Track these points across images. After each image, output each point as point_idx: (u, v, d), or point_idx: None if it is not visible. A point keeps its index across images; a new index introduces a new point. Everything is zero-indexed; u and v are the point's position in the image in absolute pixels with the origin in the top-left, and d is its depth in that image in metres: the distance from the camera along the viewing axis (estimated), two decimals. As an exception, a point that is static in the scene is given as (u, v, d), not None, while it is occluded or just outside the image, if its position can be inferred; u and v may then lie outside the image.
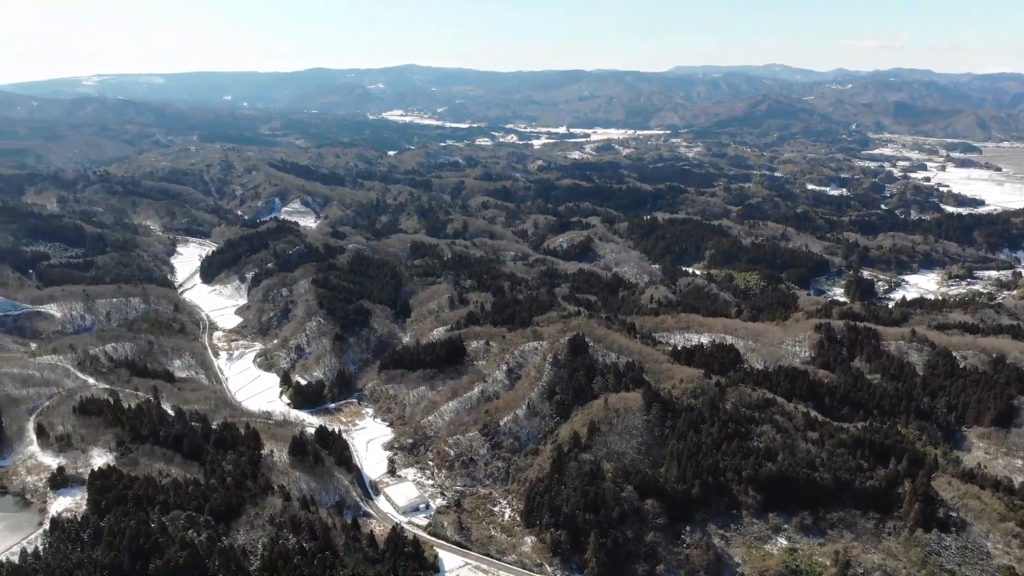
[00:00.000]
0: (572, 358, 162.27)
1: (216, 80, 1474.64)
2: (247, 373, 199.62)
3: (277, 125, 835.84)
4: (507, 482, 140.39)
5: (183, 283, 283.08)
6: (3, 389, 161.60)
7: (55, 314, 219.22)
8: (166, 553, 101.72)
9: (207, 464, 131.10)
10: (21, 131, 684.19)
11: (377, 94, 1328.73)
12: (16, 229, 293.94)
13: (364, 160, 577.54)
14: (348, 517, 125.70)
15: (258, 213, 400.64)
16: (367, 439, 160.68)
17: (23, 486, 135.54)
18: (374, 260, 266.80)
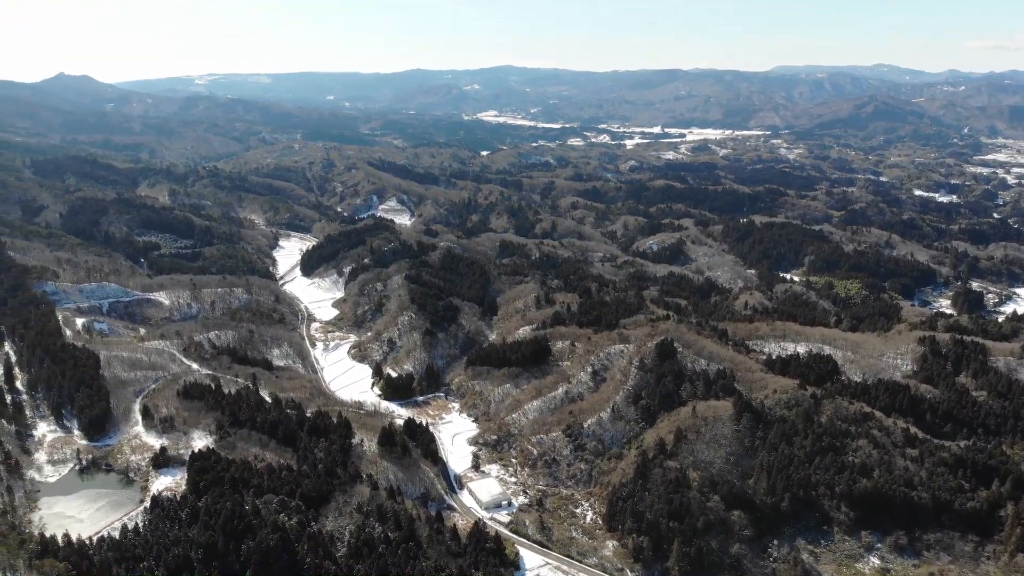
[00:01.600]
0: (660, 363, 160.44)
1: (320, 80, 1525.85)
2: (341, 364, 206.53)
3: (376, 125, 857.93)
4: (589, 484, 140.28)
5: (284, 275, 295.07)
6: (113, 372, 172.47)
7: (164, 301, 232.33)
8: (258, 535, 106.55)
9: (300, 450, 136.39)
10: (137, 127, 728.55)
11: (472, 95, 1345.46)
12: (130, 220, 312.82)
13: (458, 160, 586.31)
14: (432, 509, 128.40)
15: (356, 210, 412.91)
16: (453, 433, 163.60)
17: (127, 465, 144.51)
18: (464, 258, 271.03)
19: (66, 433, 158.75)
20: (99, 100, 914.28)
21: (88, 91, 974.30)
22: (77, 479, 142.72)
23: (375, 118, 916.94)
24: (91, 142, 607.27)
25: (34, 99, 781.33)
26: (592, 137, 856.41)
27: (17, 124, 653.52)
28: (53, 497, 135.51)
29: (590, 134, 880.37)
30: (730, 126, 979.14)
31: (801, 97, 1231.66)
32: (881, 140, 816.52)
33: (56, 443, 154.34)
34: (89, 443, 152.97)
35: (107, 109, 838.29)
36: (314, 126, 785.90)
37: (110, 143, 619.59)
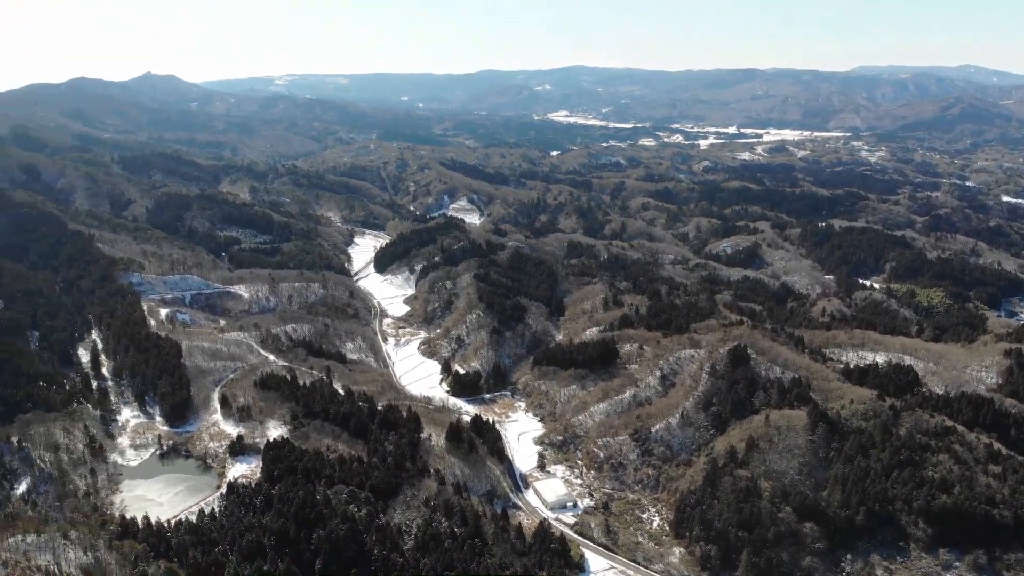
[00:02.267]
0: (732, 369, 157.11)
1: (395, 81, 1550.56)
2: (411, 359, 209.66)
3: (449, 125, 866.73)
4: (657, 490, 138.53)
5: (358, 272, 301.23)
6: (194, 361, 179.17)
7: (243, 294, 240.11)
8: (329, 525, 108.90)
9: (371, 443, 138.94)
10: (219, 126, 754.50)
11: (544, 95, 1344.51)
12: (212, 215, 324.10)
13: (528, 160, 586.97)
14: (498, 507, 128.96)
15: (428, 209, 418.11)
16: (519, 432, 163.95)
17: (205, 451, 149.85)
18: (532, 258, 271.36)
19: (148, 419, 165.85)
20: (184, 99, 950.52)
21: (174, 90, 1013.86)
22: (158, 464, 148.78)
23: (448, 118, 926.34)
24: (176, 139, 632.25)
25: (123, 97, 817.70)
26: (665, 137, 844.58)
27: (107, 121, 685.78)
28: (135, 480, 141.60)
29: (662, 134, 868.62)
30: (808, 127, 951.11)
31: (883, 98, 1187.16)
32: (967, 143, 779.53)
33: (139, 428, 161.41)
34: (170, 429, 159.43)
35: (191, 108, 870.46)
36: (389, 126, 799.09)
37: (194, 141, 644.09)
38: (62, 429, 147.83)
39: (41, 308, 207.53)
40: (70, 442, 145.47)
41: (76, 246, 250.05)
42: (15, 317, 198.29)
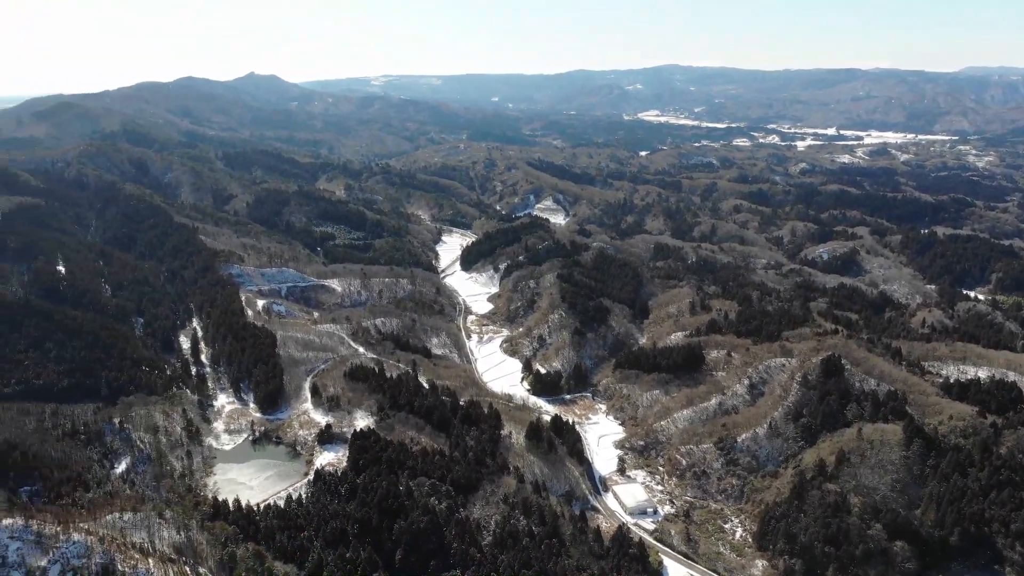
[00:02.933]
0: (824, 380, 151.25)
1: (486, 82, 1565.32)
2: (494, 356, 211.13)
3: (537, 126, 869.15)
4: (741, 500, 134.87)
5: (445, 269, 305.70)
6: (287, 351, 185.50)
7: (336, 288, 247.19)
8: (410, 516, 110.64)
9: (452, 437, 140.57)
10: (318, 125, 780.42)
11: (635, 94, 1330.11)
12: (309, 211, 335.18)
13: (616, 160, 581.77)
14: (576, 508, 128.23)
15: (514, 209, 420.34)
16: (599, 434, 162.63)
17: (295, 439, 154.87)
18: (616, 259, 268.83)
19: (243, 405, 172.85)
20: (284, 98, 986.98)
21: (275, 89, 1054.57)
22: (250, 449, 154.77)
23: (536, 119, 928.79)
24: (277, 137, 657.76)
25: (227, 96, 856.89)
26: (760, 138, 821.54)
27: (212, 119, 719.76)
28: (227, 464, 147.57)
29: (757, 134, 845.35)
30: (912, 129, 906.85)
31: (993, 100, 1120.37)
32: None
33: (233, 414, 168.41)
34: (262, 416, 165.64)
35: (291, 107, 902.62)
36: (478, 126, 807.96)
37: (293, 139, 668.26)
38: (162, 412, 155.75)
39: (146, 296, 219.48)
40: (169, 425, 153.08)
41: (181, 238, 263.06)
42: (122, 304, 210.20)
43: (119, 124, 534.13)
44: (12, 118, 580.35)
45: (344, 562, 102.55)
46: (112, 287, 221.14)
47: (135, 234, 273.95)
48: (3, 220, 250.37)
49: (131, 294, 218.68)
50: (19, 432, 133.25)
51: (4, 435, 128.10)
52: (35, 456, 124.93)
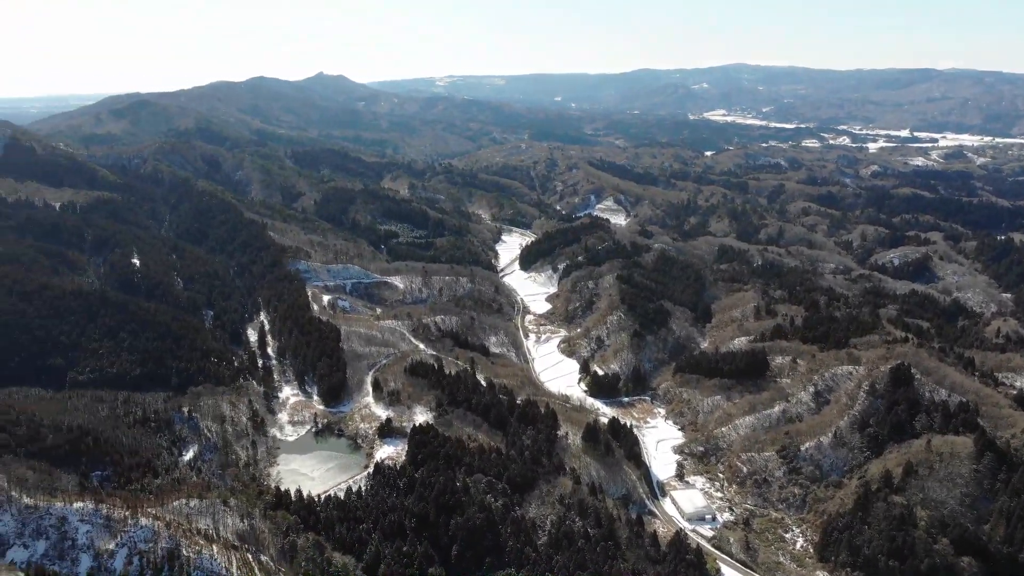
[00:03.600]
0: (892, 389, 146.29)
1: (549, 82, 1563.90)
2: (551, 357, 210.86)
3: (600, 125, 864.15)
4: (802, 510, 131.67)
5: (504, 268, 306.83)
6: (351, 345, 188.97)
7: (398, 285, 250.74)
8: (466, 512, 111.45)
9: (509, 435, 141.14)
10: (383, 124, 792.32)
11: (700, 94, 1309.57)
12: (374, 210, 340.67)
13: (679, 160, 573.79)
14: (633, 512, 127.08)
15: (575, 209, 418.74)
16: (657, 439, 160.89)
17: (356, 431, 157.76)
18: (678, 261, 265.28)
19: (306, 398, 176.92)
20: (351, 98, 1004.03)
21: (343, 90, 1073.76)
22: (312, 440, 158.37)
23: (599, 118, 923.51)
24: (343, 136, 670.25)
25: (296, 96, 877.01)
26: (829, 139, 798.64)
27: (282, 118, 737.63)
28: (290, 455, 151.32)
29: (827, 135, 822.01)
30: (990, 132, 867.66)
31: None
32: None
33: (297, 406, 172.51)
34: (325, 408, 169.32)
35: (358, 107, 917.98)
36: (540, 126, 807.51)
37: (360, 139, 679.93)
38: (229, 402, 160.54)
39: (216, 289, 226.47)
40: (235, 415, 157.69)
41: (250, 233, 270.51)
42: (193, 296, 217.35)
43: (193, 122, 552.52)
44: (91, 115, 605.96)
45: (401, 555, 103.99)
46: (184, 280, 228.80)
47: (207, 229, 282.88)
48: (82, 214, 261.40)
49: (202, 287, 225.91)
50: (92, 418, 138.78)
51: (78, 421, 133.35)
52: (107, 442, 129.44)
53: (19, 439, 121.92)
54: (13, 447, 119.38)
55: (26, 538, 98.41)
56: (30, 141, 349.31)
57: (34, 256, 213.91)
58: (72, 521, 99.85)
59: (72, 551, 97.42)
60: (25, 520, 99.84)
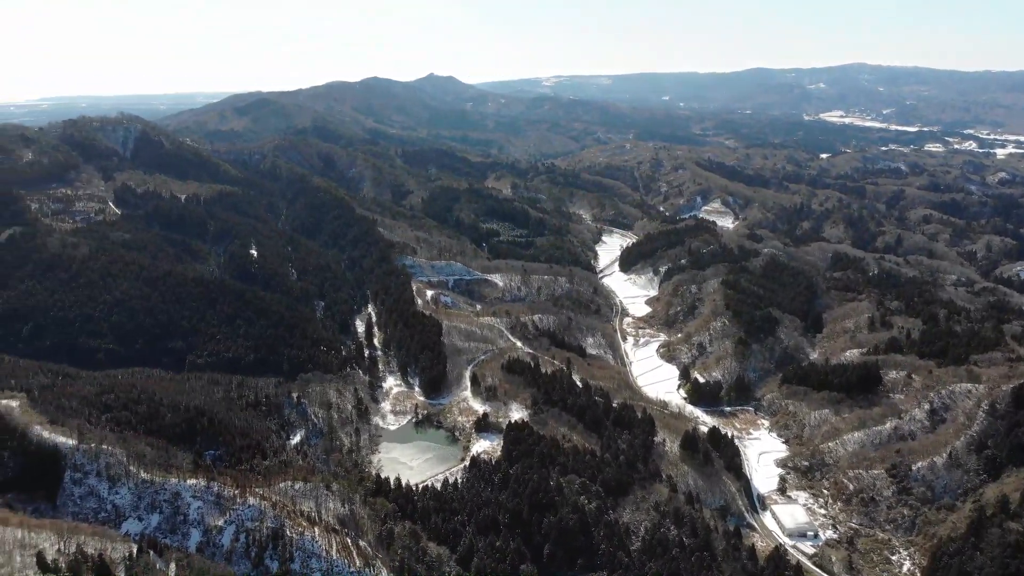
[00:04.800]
0: (1015, 410, 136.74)
1: (657, 81, 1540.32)
2: (649, 361, 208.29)
3: (709, 125, 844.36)
4: (911, 532, 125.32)
5: (603, 269, 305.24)
6: (451, 340, 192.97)
7: (498, 283, 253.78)
8: (559, 512, 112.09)
9: (604, 438, 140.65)
10: (490, 125, 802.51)
11: (816, 94, 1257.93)
12: (477, 208, 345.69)
13: (793, 162, 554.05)
14: (731, 524, 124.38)
15: (679, 210, 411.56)
16: (759, 451, 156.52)
17: (454, 424, 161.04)
18: (789, 267, 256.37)
19: (408, 389, 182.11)
20: (460, 99, 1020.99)
21: (452, 90, 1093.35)
22: (412, 430, 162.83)
23: (708, 118, 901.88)
24: (451, 136, 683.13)
25: (407, 96, 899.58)
26: (954, 143, 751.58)
27: (393, 118, 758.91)
28: (391, 443, 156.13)
29: (952, 139, 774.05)
30: None
31: None
32: None
33: (399, 396, 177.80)
34: (425, 400, 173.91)
35: (466, 107, 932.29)
36: (646, 126, 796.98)
37: (467, 138, 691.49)
38: (335, 390, 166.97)
39: (328, 281, 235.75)
40: (341, 402, 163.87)
41: (361, 229, 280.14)
42: (306, 288, 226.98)
43: (310, 121, 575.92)
44: (216, 112, 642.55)
45: (494, 550, 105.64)
46: (297, 271, 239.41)
47: (320, 224, 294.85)
48: (205, 206, 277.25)
49: (314, 279, 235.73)
50: (208, 400, 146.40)
51: (195, 402, 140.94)
52: (220, 423, 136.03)
53: (139, 417, 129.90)
54: (134, 424, 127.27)
55: (141, 511, 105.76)
56: (159, 136, 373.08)
57: (160, 245, 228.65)
58: (185, 497, 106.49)
59: (183, 526, 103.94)
60: (141, 494, 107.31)
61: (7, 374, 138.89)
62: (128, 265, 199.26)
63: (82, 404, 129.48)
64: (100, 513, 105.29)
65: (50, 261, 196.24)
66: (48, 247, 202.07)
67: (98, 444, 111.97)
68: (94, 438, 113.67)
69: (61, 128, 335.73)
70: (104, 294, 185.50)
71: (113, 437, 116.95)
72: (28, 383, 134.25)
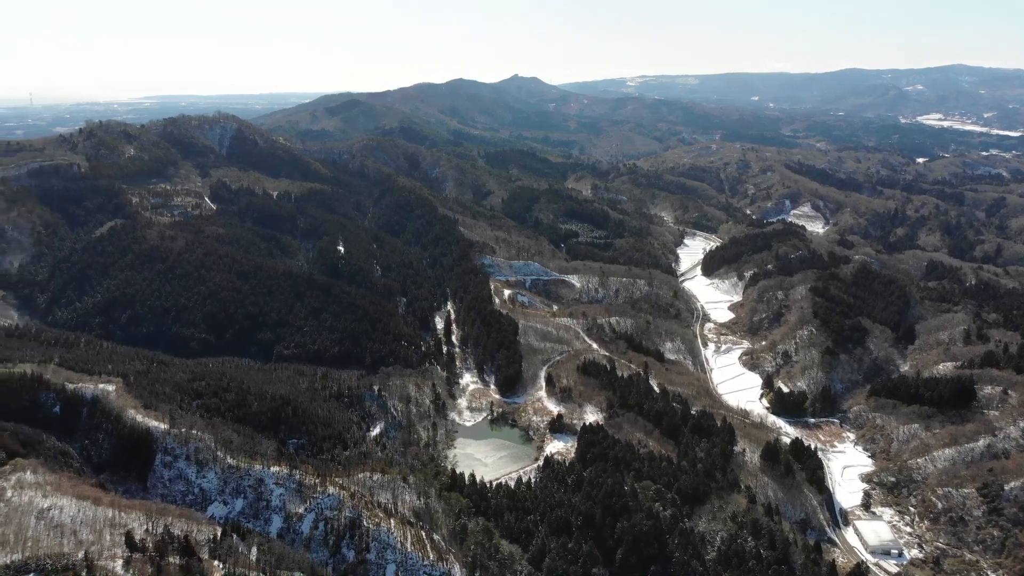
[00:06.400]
0: None
1: (745, 81, 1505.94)
2: (730, 368, 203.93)
3: (799, 127, 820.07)
4: (1000, 554, 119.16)
5: (684, 273, 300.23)
6: (527, 339, 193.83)
7: (575, 284, 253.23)
8: (633, 518, 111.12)
9: (681, 445, 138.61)
10: (572, 125, 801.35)
11: (914, 96, 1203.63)
12: (556, 209, 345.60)
13: (887, 166, 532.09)
14: (811, 538, 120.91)
15: (766, 214, 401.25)
16: (843, 465, 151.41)
17: (528, 423, 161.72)
18: (881, 275, 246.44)
19: (484, 386, 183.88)
20: (543, 100, 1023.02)
21: (535, 91, 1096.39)
22: (487, 428, 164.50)
23: (799, 119, 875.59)
24: (533, 137, 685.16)
25: (491, 97, 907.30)
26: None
27: (477, 119, 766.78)
28: (467, 439, 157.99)
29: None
30: None
31: None
32: None
33: (476, 393, 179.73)
34: (501, 398, 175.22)
35: (549, 108, 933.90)
36: (733, 127, 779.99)
37: (548, 139, 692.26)
38: (414, 384, 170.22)
39: (410, 278, 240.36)
40: (419, 397, 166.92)
41: (443, 228, 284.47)
42: (389, 284, 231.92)
43: (397, 122, 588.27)
44: (308, 112, 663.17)
45: (566, 551, 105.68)
46: (382, 268, 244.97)
47: (404, 222, 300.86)
48: (296, 203, 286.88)
49: (397, 275, 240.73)
50: (293, 390, 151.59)
51: (280, 391, 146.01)
52: (304, 413, 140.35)
53: (228, 404, 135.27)
54: (222, 411, 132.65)
55: (226, 495, 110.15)
56: (253, 134, 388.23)
57: (252, 239, 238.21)
58: (268, 483, 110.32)
59: (266, 511, 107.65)
60: (227, 479, 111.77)
61: (105, 359, 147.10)
62: (222, 258, 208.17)
63: (174, 390, 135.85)
64: (187, 496, 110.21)
65: (149, 253, 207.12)
66: (147, 239, 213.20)
67: (188, 429, 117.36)
68: (185, 423, 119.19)
69: (162, 126, 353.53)
70: (198, 285, 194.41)
71: (202, 423, 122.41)
72: (124, 368, 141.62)
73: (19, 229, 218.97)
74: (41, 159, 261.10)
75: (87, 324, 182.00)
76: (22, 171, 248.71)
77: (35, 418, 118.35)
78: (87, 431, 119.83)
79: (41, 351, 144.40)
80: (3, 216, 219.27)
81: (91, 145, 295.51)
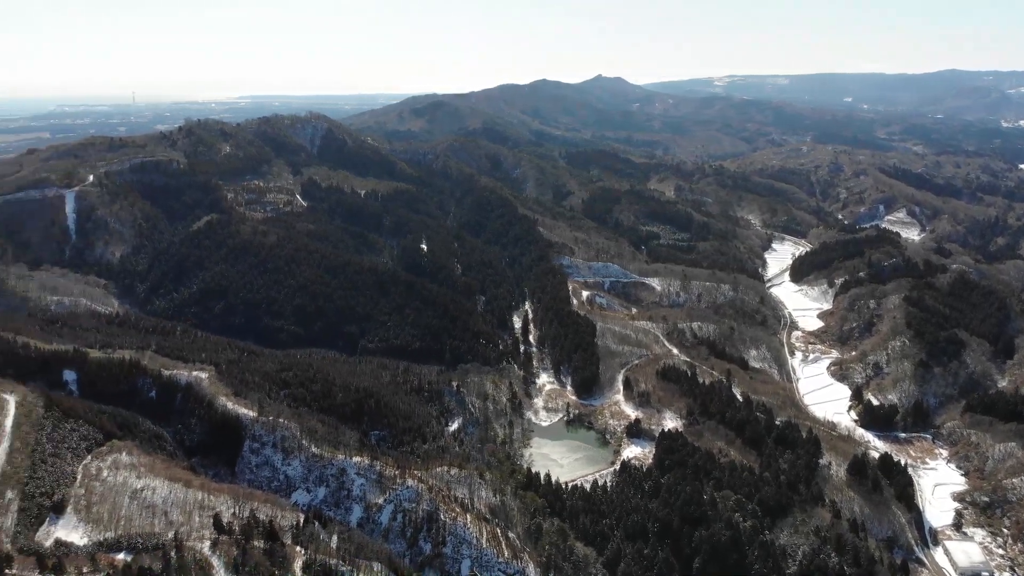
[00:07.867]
0: None
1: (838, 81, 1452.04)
2: (818, 379, 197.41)
3: (895, 129, 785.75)
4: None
5: (771, 278, 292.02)
6: (605, 342, 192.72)
7: (655, 287, 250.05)
8: (712, 527, 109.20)
9: (764, 456, 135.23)
10: (656, 125, 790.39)
11: (1017, 99, 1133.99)
12: (638, 211, 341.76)
13: (988, 172, 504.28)
14: (898, 557, 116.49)
15: (859, 219, 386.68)
16: (935, 482, 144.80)
17: (605, 427, 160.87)
18: (980, 286, 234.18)
19: (561, 387, 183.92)
20: (627, 100, 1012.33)
21: (619, 92, 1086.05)
22: (563, 429, 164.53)
23: (894, 121, 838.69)
24: (615, 138, 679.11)
25: (575, 98, 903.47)
26: None
27: (559, 120, 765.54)
28: (543, 439, 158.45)
29: None
30: None
31: None
32: None
33: (552, 394, 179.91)
34: (577, 399, 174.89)
35: (633, 109, 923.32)
36: (825, 128, 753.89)
37: (631, 140, 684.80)
38: (492, 382, 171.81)
39: (489, 277, 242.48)
40: (497, 394, 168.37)
41: (522, 228, 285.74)
42: (469, 282, 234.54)
43: (480, 122, 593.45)
44: (395, 113, 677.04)
45: (642, 557, 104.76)
46: (462, 267, 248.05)
47: (485, 222, 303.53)
48: (382, 201, 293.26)
49: (477, 274, 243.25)
50: (376, 383, 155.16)
51: (364, 384, 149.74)
52: (386, 405, 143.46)
53: (313, 395, 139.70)
54: (308, 401, 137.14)
55: (310, 483, 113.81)
56: (342, 134, 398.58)
57: (340, 236, 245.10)
58: (350, 473, 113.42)
59: (347, 501, 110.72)
60: (311, 467, 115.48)
61: (199, 348, 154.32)
62: (311, 254, 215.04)
63: (263, 380, 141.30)
64: (273, 482, 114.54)
65: (242, 247, 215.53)
66: (241, 234, 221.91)
67: (275, 418, 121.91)
68: (272, 412, 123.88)
69: (256, 125, 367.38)
70: (288, 279, 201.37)
71: (289, 412, 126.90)
72: (217, 357, 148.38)
73: (121, 222, 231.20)
74: (143, 155, 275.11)
75: (183, 314, 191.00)
76: (125, 166, 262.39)
77: (132, 402, 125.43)
78: (180, 416, 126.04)
79: (139, 338, 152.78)
80: (106, 209, 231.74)
81: (190, 143, 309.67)
